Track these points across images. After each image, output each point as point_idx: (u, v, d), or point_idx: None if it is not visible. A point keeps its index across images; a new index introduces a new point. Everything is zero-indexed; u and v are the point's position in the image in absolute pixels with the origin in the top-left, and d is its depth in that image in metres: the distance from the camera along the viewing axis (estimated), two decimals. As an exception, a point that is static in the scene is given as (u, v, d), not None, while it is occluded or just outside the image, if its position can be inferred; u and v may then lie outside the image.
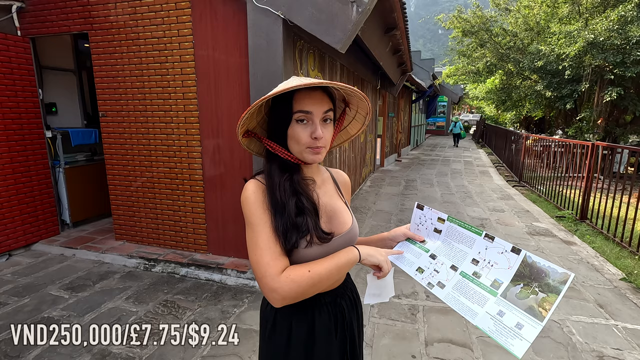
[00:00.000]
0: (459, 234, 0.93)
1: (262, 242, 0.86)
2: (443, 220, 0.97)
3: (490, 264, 0.84)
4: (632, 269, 3.58)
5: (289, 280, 0.83)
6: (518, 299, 0.78)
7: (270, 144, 0.95)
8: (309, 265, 0.87)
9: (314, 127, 0.89)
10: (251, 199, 0.90)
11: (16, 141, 3.69)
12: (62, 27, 3.57)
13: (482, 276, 0.84)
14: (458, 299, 0.84)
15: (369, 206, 5.98)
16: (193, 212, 3.56)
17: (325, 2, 2.61)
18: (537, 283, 0.78)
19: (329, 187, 1.07)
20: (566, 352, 2.37)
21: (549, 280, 0.76)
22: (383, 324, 2.66)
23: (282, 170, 0.94)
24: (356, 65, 5.76)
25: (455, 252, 0.92)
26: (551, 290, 0.76)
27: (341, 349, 1.03)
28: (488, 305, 0.79)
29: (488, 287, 0.82)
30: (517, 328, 0.74)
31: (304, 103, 0.88)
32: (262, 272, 0.84)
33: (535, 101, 11.18)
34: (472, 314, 0.80)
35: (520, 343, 0.73)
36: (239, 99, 3.16)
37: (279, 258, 0.86)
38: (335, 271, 0.88)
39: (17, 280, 3.25)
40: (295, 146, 0.92)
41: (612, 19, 7.66)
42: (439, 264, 0.92)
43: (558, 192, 6.10)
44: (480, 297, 0.81)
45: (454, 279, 0.87)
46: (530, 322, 0.74)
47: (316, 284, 0.86)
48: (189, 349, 2.34)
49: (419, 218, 1.03)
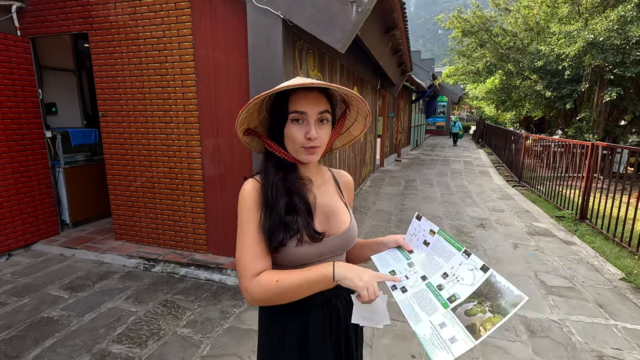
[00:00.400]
0: (442, 248, 0.93)
1: (246, 243, 0.90)
2: (434, 233, 0.97)
3: (457, 279, 0.85)
4: (632, 268, 3.58)
5: (259, 285, 0.86)
6: (466, 315, 0.78)
7: (268, 142, 0.97)
8: (282, 274, 0.87)
9: (309, 127, 0.90)
10: (245, 199, 0.92)
11: (16, 141, 3.69)
12: (61, 27, 3.57)
13: (444, 289, 0.85)
14: (412, 305, 0.85)
15: (369, 206, 5.98)
16: (193, 212, 3.56)
17: (325, 2, 2.61)
18: (489, 303, 0.78)
19: (329, 187, 1.07)
20: (566, 352, 2.37)
21: (502, 301, 0.77)
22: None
23: (278, 169, 0.95)
24: (356, 65, 5.76)
25: (432, 265, 0.92)
26: (499, 311, 0.76)
27: (335, 351, 1.03)
28: (435, 315, 0.81)
29: (444, 300, 0.83)
30: (450, 341, 0.75)
31: (299, 103, 0.90)
32: (240, 272, 0.89)
33: (535, 101, 11.18)
34: (416, 320, 0.81)
35: (446, 356, 0.73)
36: (239, 99, 3.16)
37: (258, 261, 0.89)
38: (305, 285, 0.85)
39: (17, 280, 3.25)
40: (290, 145, 0.94)
41: (611, 19, 7.66)
42: (412, 272, 0.93)
43: (558, 192, 6.10)
44: (432, 307, 0.82)
45: (418, 288, 0.88)
46: (465, 338, 0.75)
47: (285, 294, 0.86)
48: (188, 349, 2.34)
49: (414, 228, 1.03)
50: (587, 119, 9.06)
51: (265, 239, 0.89)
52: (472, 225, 5.05)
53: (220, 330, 2.54)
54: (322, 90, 0.92)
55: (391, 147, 11.44)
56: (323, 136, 0.93)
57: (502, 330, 2.59)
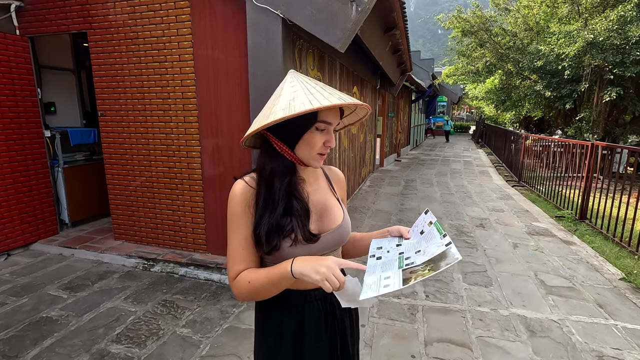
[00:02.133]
0: (431, 235, 0.96)
1: (232, 246, 0.94)
2: (431, 224, 1.00)
3: (423, 253, 0.89)
4: (632, 268, 3.58)
5: (235, 286, 0.93)
6: (410, 273, 0.83)
7: (279, 143, 0.94)
8: (253, 274, 0.91)
9: (330, 136, 0.94)
10: (235, 201, 0.95)
11: (15, 140, 3.68)
12: (61, 26, 3.56)
13: (409, 258, 0.90)
14: (375, 267, 0.90)
15: (369, 206, 5.97)
16: (192, 211, 3.55)
17: (325, 1, 2.60)
18: (432, 264, 0.82)
19: (321, 184, 1.07)
20: (566, 352, 2.36)
21: (442, 263, 0.81)
22: (382, 323, 2.65)
23: (284, 172, 0.95)
24: (356, 64, 5.76)
25: (414, 245, 0.97)
26: (433, 268, 0.81)
27: (331, 344, 1.04)
28: (387, 272, 0.86)
29: (402, 265, 0.88)
30: (384, 287, 0.80)
31: (328, 114, 0.92)
32: (228, 271, 0.96)
33: (534, 101, 11.18)
34: (371, 274, 0.87)
35: (372, 294, 0.79)
36: (239, 99, 3.16)
37: (240, 263, 0.94)
38: (270, 286, 0.89)
39: (16, 280, 3.25)
40: (307, 150, 0.94)
41: (611, 19, 7.66)
42: (394, 249, 0.98)
43: (557, 192, 6.10)
44: (389, 268, 0.88)
45: (391, 257, 0.94)
46: (396, 284, 0.80)
47: (258, 293, 0.91)
48: (187, 349, 2.33)
49: (419, 221, 1.06)
50: (587, 119, 9.06)
51: (256, 243, 0.92)
52: (472, 225, 5.05)
53: (220, 330, 2.54)
54: None
55: (391, 147, 11.43)
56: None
57: (502, 330, 2.59)
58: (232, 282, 0.94)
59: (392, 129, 11.34)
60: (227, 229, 0.96)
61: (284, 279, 0.86)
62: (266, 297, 0.93)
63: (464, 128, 29.87)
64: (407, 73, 8.97)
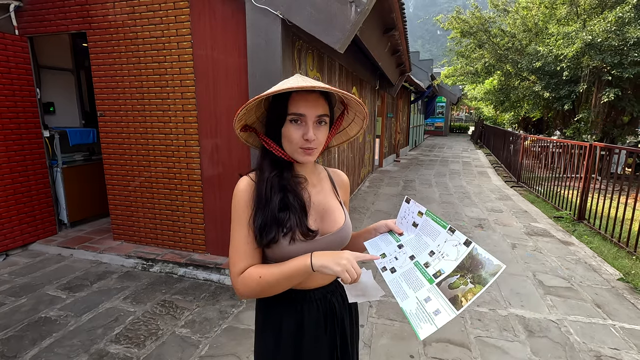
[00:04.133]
0: (430, 228, 0.95)
1: (236, 242, 0.93)
2: (422, 214, 1.00)
3: (442, 256, 0.88)
4: (630, 269, 3.59)
5: (242, 282, 0.91)
6: (449, 288, 0.81)
7: (266, 139, 0.97)
8: (263, 270, 0.90)
9: (307, 129, 0.91)
10: (239, 196, 0.94)
11: (13, 140, 3.67)
12: (60, 26, 3.56)
13: (430, 266, 0.88)
14: (400, 283, 0.88)
15: (368, 206, 5.98)
16: (191, 212, 3.55)
17: (324, 2, 2.61)
18: (471, 275, 0.81)
19: (324, 186, 1.07)
20: (564, 352, 2.37)
21: (482, 272, 0.80)
22: (381, 323, 2.66)
23: (274, 167, 0.96)
24: (355, 65, 5.77)
25: (420, 244, 0.95)
26: (480, 281, 0.79)
27: (331, 344, 1.04)
28: (421, 291, 0.83)
29: (429, 276, 0.86)
30: (434, 314, 0.78)
31: (298, 105, 0.90)
32: (230, 268, 0.94)
33: (533, 102, 11.21)
34: (403, 297, 0.84)
35: (429, 327, 0.76)
36: (238, 99, 3.16)
37: (246, 259, 0.92)
38: (283, 280, 0.88)
39: (15, 280, 3.24)
40: (288, 145, 0.94)
41: (609, 20, 7.69)
42: (401, 253, 0.96)
43: (556, 192, 6.12)
44: (418, 284, 0.85)
45: (406, 267, 0.91)
46: (448, 310, 0.78)
47: (268, 289, 0.90)
48: (186, 349, 2.33)
49: (404, 212, 1.06)
50: (585, 120, 9.09)
51: (256, 235, 0.91)
52: (471, 225, 5.06)
53: (219, 330, 2.54)
54: (321, 91, 0.92)
55: (390, 148, 11.44)
56: (320, 137, 0.94)
57: (500, 330, 2.60)
58: (237, 277, 0.91)
59: (391, 129, 11.35)
60: (231, 225, 0.95)
61: (300, 273, 0.87)
62: (275, 293, 0.92)
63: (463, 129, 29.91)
64: (406, 74, 8.98)
